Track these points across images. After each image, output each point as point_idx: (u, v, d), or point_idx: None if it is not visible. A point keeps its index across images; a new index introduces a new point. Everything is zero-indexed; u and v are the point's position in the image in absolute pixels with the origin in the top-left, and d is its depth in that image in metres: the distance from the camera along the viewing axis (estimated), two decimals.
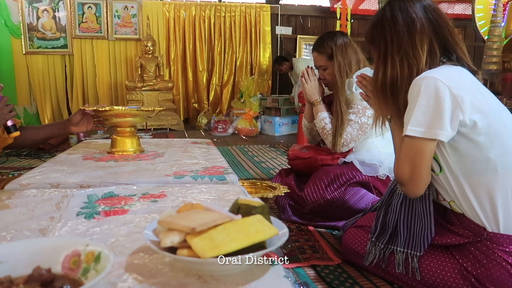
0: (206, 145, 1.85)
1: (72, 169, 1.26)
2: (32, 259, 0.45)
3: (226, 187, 1.07)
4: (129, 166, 1.32)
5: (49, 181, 1.10)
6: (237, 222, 0.56)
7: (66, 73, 6.27)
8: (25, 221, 0.75)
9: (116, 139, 1.61)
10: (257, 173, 2.96)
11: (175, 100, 6.41)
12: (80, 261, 0.48)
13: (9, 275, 0.42)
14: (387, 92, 1.11)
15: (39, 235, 0.68)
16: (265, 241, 0.58)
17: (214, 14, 6.56)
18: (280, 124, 5.41)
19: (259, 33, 6.74)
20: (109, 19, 6.16)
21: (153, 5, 6.37)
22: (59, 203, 0.86)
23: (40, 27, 6.00)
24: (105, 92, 6.34)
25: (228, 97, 6.72)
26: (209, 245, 0.50)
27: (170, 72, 6.53)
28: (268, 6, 6.77)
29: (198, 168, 1.30)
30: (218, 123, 5.48)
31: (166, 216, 0.58)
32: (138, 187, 1.04)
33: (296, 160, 1.98)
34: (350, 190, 1.69)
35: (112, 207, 0.86)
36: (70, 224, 0.74)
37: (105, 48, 6.26)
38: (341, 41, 1.85)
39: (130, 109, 1.62)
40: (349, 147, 1.81)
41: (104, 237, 0.68)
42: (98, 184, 1.09)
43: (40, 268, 0.43)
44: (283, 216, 1.81)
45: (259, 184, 1.66)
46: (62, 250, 0.48)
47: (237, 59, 6.74)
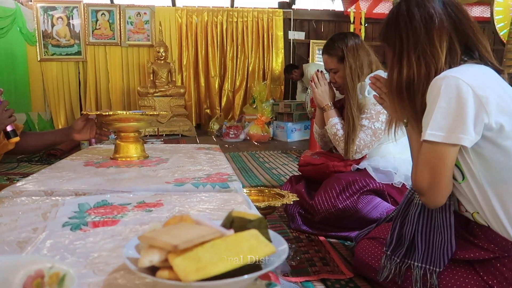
0: (212, 151, 1.78)
1: (70, 176, 1.20)
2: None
3: (228, 196, 1.00)
4: (130, 172, 1.26)
5: (43, 188, 1.04)
6: (228, 239, 0.48)
7: (80, 80, 6.32)
8: (5, 232, 0.69)
9: (120, 144, 1.55)
10: (268, 179, 2.88)
11: (187, 106, 6.39)
12: (43, 284, 0.42)
13: None
14: (403, 93, 1.03)
15: (16, 249, 0.62)
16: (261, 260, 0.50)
17: (227, 20, 6.55)
18: (293, 129, 5.33)
19: (271, 38, 6.70)
20: (122, 25, 6.20)
21: (166, 11, 6.40)
22: (47, 213, 0.80)
23: (54, 34, 6.07)
24: (118, 98, 6.37)
25: (240, 103, 6.68)
26: (193, 266, 0.43)
27: (182, 78, 6.53)
28: (280, 11, 6.73)
29: (201, 175, 1.23)
30: (229, 128, 5.43)
31: (149, 231, 0.51)
32: (134, 195, 0.97)
33: (306, 167, 1.90)
34: (363, 199, 1.60)
35: (102, 217, 0.79)
36: (53, 237, 0.68)
37: (118, 54, 6.30)
38: (352, 42, 1.77)
39: (134, 114, 1.56)
40: (362, 154, 1.72)
41: (86, 251, 0.61)
42: (94, 191, 1.03)
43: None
44: (293, 226, 1.73)
45: (267, 191, 1.58)
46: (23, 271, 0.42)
47: (249, 64, 6.70)
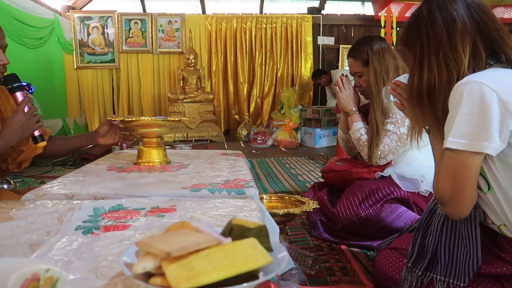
0: (234, 157, 1.78)
1: (92, 180, 1.24)
2: None
3: (242, 202, 0.99)
4: (149, 177, 1.28)
5: (64, 191, 1.08)
6: (224, 247, 0.47)
7: (113, 86, 6.53)
8: (20, 235, 0.71)
9: (143, 149, 1.58)
10: (292, 186, 2.86)
11: (216, 111, 6.46)
12: (39, 286, 0.42)
13: None
14: (424, 99, 0.99)
15: (28, 251, 0.64)
16: (259, 269, 0.49)
17: (255, 26, 6.59)
18: (321, 135, 5.27)
19: (300, 44, 6.68)
20: (153, 33, 6.36)
21: (196, 18, 6.51)
22: (62, 216, 0.83)
23: (90, 43, 6.31)
24: (149, 104, 6.53)
25: (268, 109, 6.68)
26: (184, 274, 0.43)
27: (212, 84, 6.61)
28: (309, 16, 6.70)
29: (219, 181, 1.23)
30: (257, 134, 5.43)
31: (147, 237, 0.51)
32: (150, 200, 0.99)
33: (329, 173, 1.87)
34: (387, 207, 1.55)
35: (115, 221, 0.81)
36: (64, 240, 0.69)
37: (149, 61, 6.47)
38: (378, 46, 1.73)
39: (156, 119, 1.59)
40: (387, 160, 1.67)
41: (93, 255, 0.62)
42: (112, 196, 1.05)
43: None
44: (314, 233, 1.70)
45: (287, 198, 1.56)
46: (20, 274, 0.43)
47: (278, 70, 6.70)
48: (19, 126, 1.31)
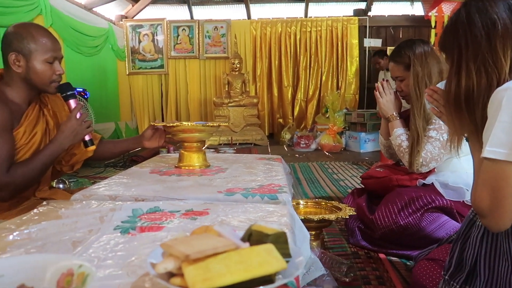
0: (272, 161, 1.80)
1: (135, 182, 1.31)
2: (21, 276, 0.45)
3: (273, 207, 1.01)
4: (188, 181, 1.34)
5: (109, 193, 1.15)
6: (241, 252, 0.50)
7: (162, 91, 6.80)
8: (65, 232, 0.78)
9: (183, 153, 1.65)
10: (333, 191, 2.83)
11: (260, 115, 6.52)
12: (72, 281, 0.47)
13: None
14: (462, 106, 0.95)
15: (70, 248, 0.70)
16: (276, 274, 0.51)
17: (300, 30, 6.58)
18: (366, 140, 5.16)
19: (345, 47, 6.58)
20: (200, 39, 6.55)
21: (241, 24, 6.62)
22: (104, 216, 0.89)
23: (141, 49, 6.62)
24: (195, 108, 6.72)
25: (313, 112, 6.65)
26: (201, 276, 0.45)
27: (256, 88, 6.69)
28: (356, 18, 6.59)
29: (253, 186, 1.25)
30: (300, 138, 5.42)
31: (171, 239, 0.54)
32: (185, 203, 1.03)
33: (369, 179, 1.84)
34: (427, 216, 1.50)
35: (150, 222, 0.86)
36: (103, 239, 0.75)
37: (196, 67, 6.66)
38: (421, 49, 1.68)
39: (196, 125, 1.65)
40: (429, 167, 1.62)
41: (127, 254, 0.67)
42: (151, 198, 1.11)
43: (23, 286, 0.42)
44: (352, 240, 1.68)
45: (324, 204, 1.56)
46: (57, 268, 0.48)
47: (322, 73, 6.65)
48: (72, 131, 1.42)
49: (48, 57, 1.39)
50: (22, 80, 1.40)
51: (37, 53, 1.38)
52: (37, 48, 1.38)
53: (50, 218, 0.88)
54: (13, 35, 1.37)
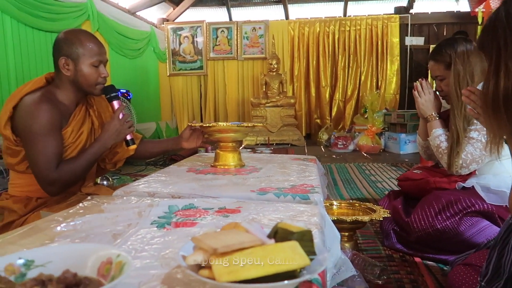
0: (307, 162, 1.81)
1: (172, 180, 1.36)
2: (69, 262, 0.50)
3: (304, 207, 1.02)
4: (222, 180, 1.37)
5: (148, 190, 1.21)
6: (266, 248, 0.52)
7: (201, 92, 6.95)
8: (106, 225, 0.83)
9: (219, 153, 1.69)
10: (370, 193, 2.78)
11: (298, 115, 6.51)
12: (111, 269, 0.51)
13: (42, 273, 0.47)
14: (500, 107, 0.92)
15: (110, 240, 0.75)
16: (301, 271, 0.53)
17: (339, 29, 6.51)
18: (406, 141, 5.02)
19: (386, 45, 6.43)
20: (238, 41, 6.63)
21: (279, 24, 6.64)
22: (142, 211, 0.94)
23: (181, 51, 6.79)
24: (233, 108, 6.81)
25: (351, 113, 6.55)
26: (227, 269, 0.48)
27: (294, 88, 6.68)
28: (397, 16, 6.42)
29: (286, 186, 1.27)
30: (338, 139, 5.36)
31: (202, 234, 0.58)
32: (218, 201, 1.07)
33: (405, 181, 1.80)
34: (466, 221, 1.45)
35: (185, 218, 0.90)
36: (141, 232, 0.80)
37: (234, 67, 6.75)
38: (463, 48, 1.63)
39: (231, 125, 1.69)
40: (469, 169, 1.56)
41: (161, 247, 0.71)
42: (187, 195, 1.15)
43: (68, 272, 0.47)
44: (386, 243, 1.66)
45: (358, 205, 1.55)
46: (97, 257, 0.52)
47: (361, 73, 6.54)
48: (114, 130, 1.50)
49: (94, 61, 1.48)
50: (70, 82, 1.49)
51: (84, 57, 1.47)
52: (85, 52, 1.46)
53: (93, 212, 0.94)
54: (63, 41, 1.47)
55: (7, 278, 0.47)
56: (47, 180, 1.39)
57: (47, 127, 1.38)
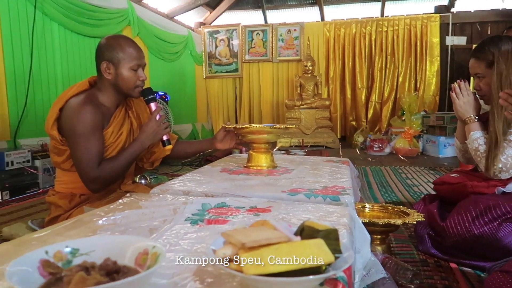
0: (339, 164, 1.81)
1: (206, 179, 1.41)
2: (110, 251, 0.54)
3: (334, 208, 1.03)
4: (254, 180, 1.40)
5: (183, 188, 1.26)
6: (292, 244, 0.54)
7: (236, 94, 7.04)
8: (143, 220, 0.88)
9: (252, 154, 1.72)
10: (406, 196, 2.72)
11: (332, 117, 6.46)
12: (147, 259, 0.55)
13: (86, 261, 0.51)
14: None
15: (147, 234, 0.79)
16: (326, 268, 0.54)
17: (376, 30, 6.40)
18: (445, 144, 4.86)
19: (425, 46, 6.25)
20: (274, 43, 6.66)
21: (314, 26, 6.61)
22: (177, 209, 0.99)
23: (217, 54, 6.92)
24: (267, 110, 6.85)
25: (388, 115, 6.41)
26: (254, 262, 0.51)
27: (329, 90, 6.63)
28: (437, 15, 6.23)
29: (317, 187, 1.28)
30: (374, 141, 5.26)
31: (231, 230, 0.60)
32: (250, 200, 1.10)
33: (442, 185, 1.76)
34: (506, 227, 1.40)
35: (217, 216, 0.93)
36: (175, 228, 0.84)
37: (269, 70, 6.79)
38: (508, 47, 1.57)
39: (264, 127, 1.72)
40: (510, 173, 1.51)
41: (194, 242, 0.75)
42: (219, 194, 1.19)
43: (108, 260, 0.51)
44: (421, 248, 1.62)
45: (391, 208, 1.53)
46: (135, 248, 0.56)
47: (399, 74, 6.39)
48: (152, 131, 1.56)
49: (133, 65, 1.55)
50: (111, 85, 1.57)
51: (124, 61, 1.54)
52: (124, 57, 1.54)
53: (132, 208, 1.00)
54: (105, 46, 1.55)
55: (55, 264, 0.52)
56: (90, 177, 1.47)
57: (90, 128, 1.46)
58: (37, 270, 0.50)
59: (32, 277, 0.49)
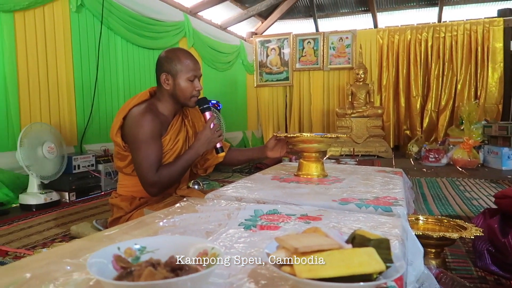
0: (392, 174, 1.77)
1: (258, 186, 1.45)
2: (173, 250, 0.59)
3: (385, 219, 1.02)
4: (305, 188, 1.42)
5: (236, 195, 1.31)
6: (344, 251, 0.56)
7: (286, 102, 7.08)
8: (200, 224, 0.94)
9: (302, 163, 1.74)
10: (464, 210, 2.60)
11: (385, 126, 6.29)
12: (206, 259, 0.59)
13: (152, 258, 0.57)
14: None
15: (204, 236, 0.84)
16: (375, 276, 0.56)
17: (432, 36, 6.17)
18: (509, 156, 4.56)
19: (487, 51, 5.93)
20: (325, 51, 6.64)
21: (367, 33, 6.51)
22: (230, 214, 1.03)
23: (268, 63, 7.01)
24: (318, 118, 6.82)
25: (445, 124, 6.14)
26: (307, 267, 0.53)
27: (381, 98, 6.48)
28: (500, 19, 5.90)
29: (368, 197, 1.28)
30: (429, 152, 5.06)
31: (284, 235, 0.63)
32: (301, 208, 1.12)
33: (504, 199, 1.67)
34: None
35: (269, 222, 0.97)
36: (230, 232, 0.88)
37: (320, 78, 6.77)
38: None
39: (315, 136, 1.73)
40: None
41: (247, 246, 0.78)
42: (271, 201, 1.22)
43: (173, 257, 0.56)
44: (479, 264, 1.55)
45: (446, 222, 1.48)
46: (196, 248, 0.61)
47: (457, 82, 6.10)
48: (206, 139, 1.63)
49: (190, 76, 1.63)
50: (169, 96, 1.66)
51: (182, 73, 1.63)
52: (182, 68, 1.63)
53: (189, 211, 1.06)
54: (164, 58, 1.65)
55: (126, 259, 0.58)
56: (149, 182, 1.56)
57: (150, 135, 1.56)
58: (111, 264, 0.56)
59: (107, 269, 0.54)
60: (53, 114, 3.32)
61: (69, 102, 3.44)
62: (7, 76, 2.95)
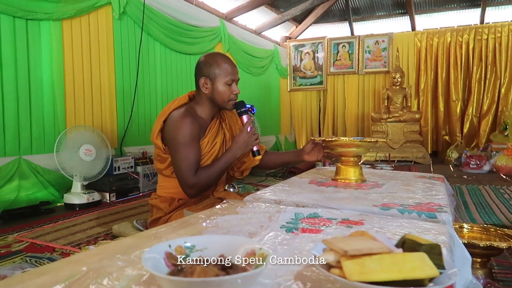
0: (433, 181, 1.72)
1: (296, 190, 1.45)
2: (221, 249, 0.60)
3: (430, 226, 1.00)
4: (344, 193, 1.40)
5: (274, 197, 1.31)
6: (395, 255, 0.55)
7: (320, 106, 7.02)
8: (243, 225, 0.94)
9: (340, 167, 1.72)
10: (510, 219, 2.48)
11: (423, 131, 6.12)
12: (254, 259, 0.60)
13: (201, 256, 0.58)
14: None
15: (247, 237, 0.85)
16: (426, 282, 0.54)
17: (474, 38, 5.95)
18: None
19: None
20: (360, 55, 6.55)
21: (404, 36, 6.37)
22: (271, 216, 1.04)
23: (302, 67, 6.99)
24: (352, 123, 6.72)
25: (487, 130, 5.89)
26: (357, 270, 0.53)
27: (419, 102, 6.31)
28: None
29: (411, 203, 1.24)
30: (470, 158, 4.87)
31: (332, 238, 0.63)
32: (341, 212, 1.11)
33: None
34: None
35: (310, 225, 0.96)
36: (272, 234, 0.88)
37: (355, 82, 6.67)
38: None
39: (354, 140, 1.71)
40: None
41: (290, 248, 0.79)
42: (310, 205, 1.22)
43: (223, 256, 0.57)
44: None
45: (493, 230, 1.42)
46: (244, 248, 0.61)
47: (501, 85, 5.85)
48: (243, 142, 1.65)
49: (228, 80, 1.66)
50: (208, 99, 1.69)
51: (220, 77, 1.65)
52: (220, 73, 1.65)
53: (230, 213, 1.07)
54: (203, 63, 1.68)
55: (176, 256, 0.60)
56: (188, 183, 1.59)
57: (189, 138, 1.59)
58: (163, 260, 0.58)
59: (160, 265, 0.56)
60: (96, 118, 3.46)
61: (111, 106, 3.57)
62: (55, 81, 3.11)
